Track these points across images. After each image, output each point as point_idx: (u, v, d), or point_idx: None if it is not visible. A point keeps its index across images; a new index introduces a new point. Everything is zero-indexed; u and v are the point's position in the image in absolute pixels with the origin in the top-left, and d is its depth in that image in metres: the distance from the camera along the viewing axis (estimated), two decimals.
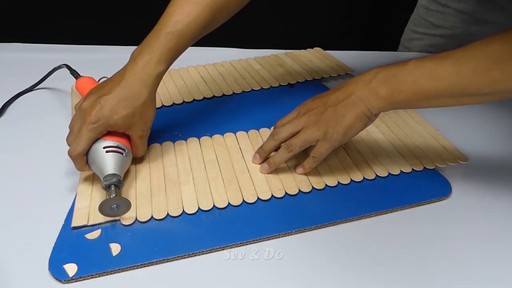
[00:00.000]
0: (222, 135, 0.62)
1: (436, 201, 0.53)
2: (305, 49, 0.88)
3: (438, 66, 0.45)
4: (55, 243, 0.46)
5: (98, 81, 0.64)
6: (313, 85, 0.77)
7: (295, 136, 0.52)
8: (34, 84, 0.72)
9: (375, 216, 0.51)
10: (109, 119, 0.49)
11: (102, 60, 0.80)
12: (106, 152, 0.49)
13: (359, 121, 0.50)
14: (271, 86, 0.75)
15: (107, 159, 0.49)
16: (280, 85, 0.76)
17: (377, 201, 0.52)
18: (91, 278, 0.43)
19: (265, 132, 0.62)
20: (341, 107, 0.50)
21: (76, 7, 1.28)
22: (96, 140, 0.50)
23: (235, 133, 0.62)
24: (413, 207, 0.52)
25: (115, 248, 0.45)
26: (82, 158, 0.50)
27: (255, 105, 0.70)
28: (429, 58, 0.46)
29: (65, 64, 0.68)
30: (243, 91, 0.74)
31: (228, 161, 0.57)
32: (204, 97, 0.72)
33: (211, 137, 0.61)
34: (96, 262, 0.44)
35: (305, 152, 0.54)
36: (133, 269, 0.44)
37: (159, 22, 0.53)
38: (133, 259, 0.44)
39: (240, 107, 0.70)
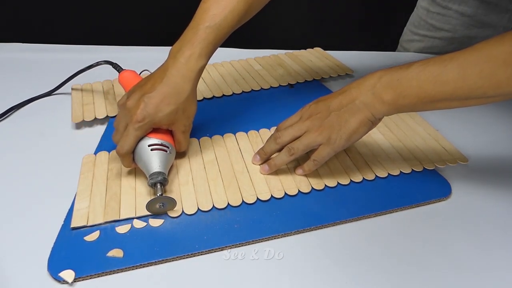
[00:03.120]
0: (222, 135, 0.62)
1: (436, 202, 0.53)
2: (305, 49, 0.89)
3: (442, 70, 0.44)
4: (54, 244, 0.46)
5: (140, 73, 0.64)
6: (313, 86, 0.77)
7: (298, 140, 0.52)
8: (60, 85, 0.71)
9: (375, 216, 0.51)
10: (154, 116, 0.50)
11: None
12: (151, 150, 0.50)
13: (363, 126, 0.49)
14: (271, 87, 0.75)
15: (153, 157, 0.50)
16: (280, 85, 0.76)
17: (377, 202, 0.52)
18: (90, 278, 0.43)
19: (265, 133, 0.62)
20: (345, 112, 0.50)
21: (77, 8, 1.28)
22: (141, 137, 0.51)
23: (234, 134, 0.62)
24: (413, 207, 0.52)
25: (118, 253, 0.45)
26: (129, 156, 0.51)
27: (255, 105, 0.70)
28: (433, 61, 0.46)
29: (106, 60, 0.66)
30: (243, 91, 0.74)
31: (227, 161, 0.57)
32: (204, 98, 0.72)
33: (210, 137, 0.61)
34: (95, 264, 0.44)
35: (305, 153, 0.54)
36: (133, 269, 0.44)
37: (195, 17, 0.54)
38: (133, 260, 0.44)
39: (240, 107, 0.70)
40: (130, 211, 0.49)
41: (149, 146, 0.51)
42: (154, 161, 0.50)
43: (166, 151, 0.51)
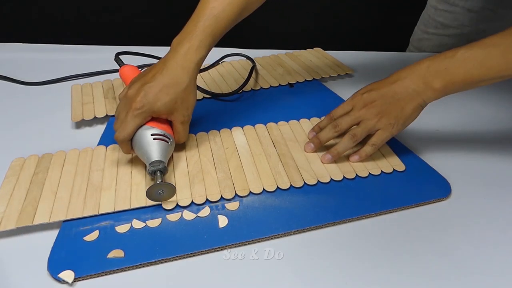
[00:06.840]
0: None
1: (436, 202, 0.53)
2: (305, 49, 0.89)
3: (487, 56, 0.50)
4: (54, 244, 0.45)
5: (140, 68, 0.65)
6: (313, 85, 0.77)
7: (358, 126, 0.55)
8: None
9: (374, 216, 0.51)
10: (153, 105, 0.52)
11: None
12: (154, 139, 0.52)
13: (416, 112, 0.55)
14: (271, 86, 0.75)
15: (154, 146, 0.51)
16: (280, 85, 0.76)
17: (377, 201, 0.52)
18: (90, 278, 0.43)
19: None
20: (400, 100, 0.54)
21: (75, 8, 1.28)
22: (143, 127, 0.53)
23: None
24: (413, 207, 0.52)
25: (118, 254, 0.45)
26: (128, 143, 0.53)
27: (255, 105, 0.70)
28: (477, 47, 0.50)
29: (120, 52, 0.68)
30: (243, 91, 0.74)
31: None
32: (204, 97, 0.72)
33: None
34: (95, 263, 0.44)
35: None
36: (133, 269, 0.44)
37: (196, 11, 0.56)
38: (133, 259, 0.44)
39: (240, 107, 0.70)
40: (45, 216, 0.47)
41: (151, 135, 0.52)
42: (155, 150, 0.51)
43: (167, 142, 0.53)
